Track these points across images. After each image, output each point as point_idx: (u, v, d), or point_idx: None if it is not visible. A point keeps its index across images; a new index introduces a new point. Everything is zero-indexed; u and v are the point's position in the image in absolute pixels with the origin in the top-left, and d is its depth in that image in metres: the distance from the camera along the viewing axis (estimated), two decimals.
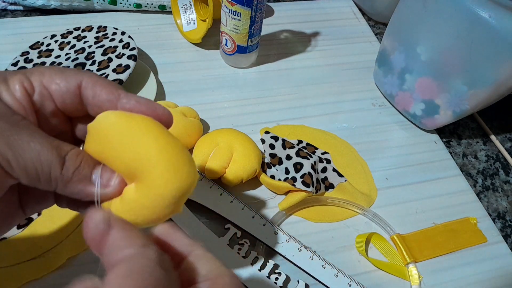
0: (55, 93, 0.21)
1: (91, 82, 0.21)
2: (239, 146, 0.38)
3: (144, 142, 0.19)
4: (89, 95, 0.21)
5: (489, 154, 0.48)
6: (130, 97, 0.21)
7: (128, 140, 0.19)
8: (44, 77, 0.21)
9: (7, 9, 0.56)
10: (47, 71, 0.21)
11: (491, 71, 0.38)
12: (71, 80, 0.21)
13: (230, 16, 0.45)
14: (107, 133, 0.20)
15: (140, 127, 0.20)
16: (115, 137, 0.19)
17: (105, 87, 0.21)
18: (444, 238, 0.39)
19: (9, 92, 0.20)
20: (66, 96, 0.21)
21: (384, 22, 0.63)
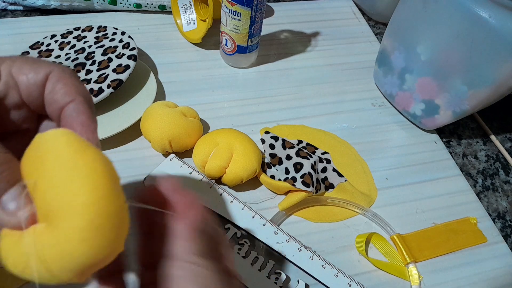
0: (21, 84, 0.20)
1: (56, 76, 0.20)
2: (239, 146, 0.38)
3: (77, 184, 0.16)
4: (48, 89, 0.20)
5: (489, 154, 0.48)
6: (79, 108, 0.20)
7: (62, 173, 0.16)
8: (13, 66, 0.20)
9: (7, 9, 0.56)
10: (18, 60, 0.20)
11: (491, 71, 0.38)
12: (40, 72, 0.20)
13: (230, 16, 0.45)
14: (47, 153, 0.17)
15: (84, 166, 0.17)
16: (52, 162, 0.17)
17: (65, 85, 0.20)
18: (444, 238, 0.39)
19: None
20: (32, 88, 0.20)
21: (384, 22, 0.63)
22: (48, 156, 0.17)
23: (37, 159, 0.17)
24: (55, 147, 0.17)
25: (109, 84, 0.42)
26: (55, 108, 0.20)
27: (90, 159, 0.17)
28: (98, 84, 0.42)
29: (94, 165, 0.17)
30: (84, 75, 0.44)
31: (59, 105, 0.20)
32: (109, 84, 0.42)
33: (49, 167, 0.17)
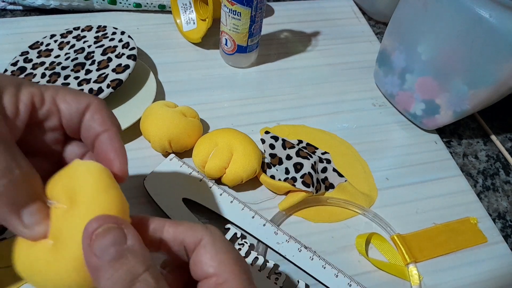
0: (64, 112, 0.22)
1: (96, 107, 0.23)
2: (239, 146, 0.38)
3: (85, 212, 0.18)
4: (87, 117, 0.23)
5: (489, 154, 0.48)
6: (112, 138, 0.22)
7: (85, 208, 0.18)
8: (57, 94, 0.22)
9: (7, 8, 0.56)
10: (61, 90, 0.23)
11: (492, 70, 0.38)
12: (83, 102, 0.22)
13: (230, 15, 0.45)
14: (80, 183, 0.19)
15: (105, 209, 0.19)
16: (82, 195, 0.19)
17: (102, 116, 0.23)
18: (445, 238, 0.39)
19: (14, 98, 0.21)
20: (74, 115, 0.22)
21: (384, 21, 0.63)
22: (81, 187, 0.19)
23: (69, 183, 0.20)
24: (88, 181, 0.19)
25: (109, 84, 0.42)
26: (91, 135, 0.23)
27: (113, 203, 0.19)
28: (98, 84, 0.42)
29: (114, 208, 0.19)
30: (84, 75, 0.44)
31: (95, 132, 0.22)
32: (109, 84, 0.42)
33: (78, 197, 0.19)
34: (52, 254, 0.18)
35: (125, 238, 0.18)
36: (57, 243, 0.18)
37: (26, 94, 0.21)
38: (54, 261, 0.18)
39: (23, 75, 0.45)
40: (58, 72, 0.44)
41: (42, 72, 0.45)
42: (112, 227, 0.18)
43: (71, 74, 0.44)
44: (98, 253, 0.17)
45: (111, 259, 0.17)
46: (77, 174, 0.20)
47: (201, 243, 0.20)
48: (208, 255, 0.20)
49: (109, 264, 0.17)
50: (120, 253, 0.17)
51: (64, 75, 0.44)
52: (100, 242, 0.17)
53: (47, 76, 0.44)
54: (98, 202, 0.19)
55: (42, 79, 0.44)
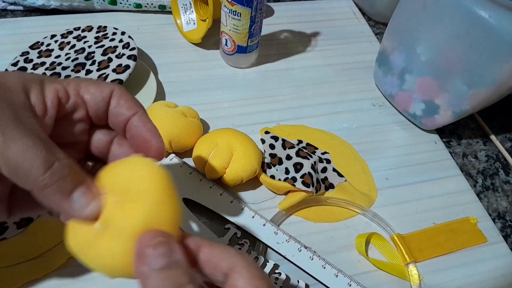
0: (89, 102, 0.23)
1: (119, 93, 0.23)
2: (239, 146, 0.38)
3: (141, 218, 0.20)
4: (113, 104, 0.23)
5: (489, 154, 0.48)
6: (143, 118, 0.23)
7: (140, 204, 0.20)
8: (80, 87, 0.23)
9: (7, 9, 0.56)
10: (83, 82, 0.23)
11: (491, 71, 0.38)
12: (105, 90, 0.23)
13: (230, 16, 0.45)
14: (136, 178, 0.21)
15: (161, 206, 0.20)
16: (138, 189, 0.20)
17: (127, 101, 0.23)
18: (444, 238, 0.39)
19: (40, 96, 0.21)
20: (100, 104, 0.23)
21: (384, 22, 0.63)
22: (142, 186, 0.20)
23: (126, 178, 0.21)
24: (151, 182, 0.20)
25: None
26: (121, 120, 0.23)
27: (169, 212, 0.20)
28: None
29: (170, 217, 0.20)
30: (84, 75, 0.44)
31: (125, 117, 0.23)
32: None
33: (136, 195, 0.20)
34: (103, 240, 0.20)
35: (173, 253, 0.19)
36: (108, 230, 0.20)
37: (51, 90, 0.22)
38: (104, 246, 0.19)
39: None
40: (59, 72, 0.45)
41: (42, 72, 0.45)
42: (163, 241, 0.19)
43: (71, 75, 0.44)
44: (149, 262, 0.19)
45: (160, 268, 0.18)
46: (139, 172, 0.21)
47: (236, 268, 0.20)
48: (243, 280, 0.20)
49: (158, 272, 0.18)
50: (168, 264, 0.19)
51: (65, 75, 0.44)
52: (151, 252, 0.19)
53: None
54: (157, 208, 0.20)
55: None
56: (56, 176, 0.19)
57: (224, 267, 0.20)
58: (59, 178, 0.20)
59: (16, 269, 0.32)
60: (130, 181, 0.20)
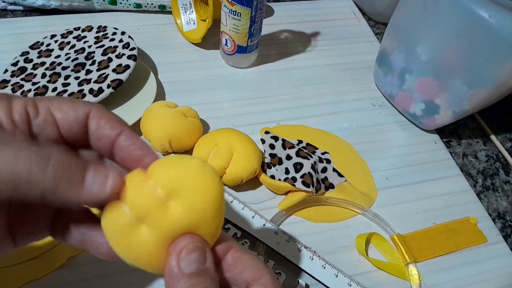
0: (61, 121, 0.21)
1: (98, 114, 0.21)
2: (239, 146, 0.38)
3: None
4: (93, 126, 0.21)
5: (489, 154, 0.48)
6: (130, 137, 0.21)
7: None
8: (52, 104, 0.21)
9: (7, 9, 0.56)
10: (56, 100, 0.21)
11: (491, 71, 0.38)
12: (80, 110, 0.21)
13: (230, 16, 0.45)
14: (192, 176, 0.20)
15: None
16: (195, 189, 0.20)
17: (109, 120, 0.21)
18: (444, 238, 0.39)
19: (7, 111, 0.20)
20: (73, 125, 0.21)
21: (384, 22, 0.63)
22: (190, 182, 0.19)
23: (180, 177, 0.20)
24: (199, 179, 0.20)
25: (109, 84, 0.42)
26: (106, 142, 0.21)
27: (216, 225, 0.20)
28: (98, 84, 0.42)
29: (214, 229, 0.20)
30: (84, 75, 0.44)
31: (110, 139, 0.21)
32: (109, 84, 0.42)
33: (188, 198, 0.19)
34: (139, 232, 0.19)
35: (206, 260, 0.19)
36: (146, 222, 0.19)
37: (19, 104, 0.20)
38: (139, 238, 0.19)
39: (24, 75, 0.45)
40: (59, 72, 0.45)
41: (42, 72, 0.45)
42: (199, 247, 0.19)
43: (71, 74, 0.44)
44: (182, 265, 0.19)
45: (192, 273, 0.19)
46: (196, 173, 0.20)
47: (260, 280, 0.20)
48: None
49: (189, 277, 0.19)
50: (200, 270, 0.19)
51: (65, 75, 0.44)
52: (187, 256, 0.19)
53: (48, 76, 0.44)
54: (205, 217, 0.20)
55: (42, 79, 0.44)
56: (59, 170, 0.18)
57: (248, 276, 0.20)
58: (63, 171, 0.18)
59: (16, 269, 0.32)
60: (183, 180, 0.19)
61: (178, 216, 0.19)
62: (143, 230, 0.19)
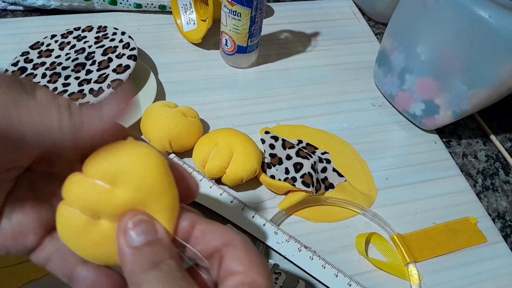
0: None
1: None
2: (239, 146, 0.38)
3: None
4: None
5: (489, 154, 0.48)
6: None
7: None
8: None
9: (7, 9, 0.56)
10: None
11: (491, 71, 0.38)
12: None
13: (230, 16, 0.45)
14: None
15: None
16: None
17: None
18: (444, 238, 0.39)
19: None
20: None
21: (384, 22, 0.63)
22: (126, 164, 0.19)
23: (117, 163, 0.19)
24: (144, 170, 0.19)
25: (109, 84, 0.42)
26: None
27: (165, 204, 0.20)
28: (98, 84, 0.42)
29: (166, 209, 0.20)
30: (84, 75, 0.44)
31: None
32: (109, 84, 0.42)
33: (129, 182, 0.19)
34: (92, 228, 0.19)
35: (156, 232, 0.19)
36: (102, 216, 0.19)
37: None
38: (92, 235, 0.19)
39: (24, 75, 0.45)
40: (59, 72, 0.45)
41: (42, 72, 0.45)
42: (144, 219, 0.19)
43: (71, 74, 0.44)
44: (129, 240, 0.18)
45: (140, 245, 0.18)
46: (129, 155, 0.19)
47: (231, 242, 0.19)
48: (239, 253, 0.19)
49: (138, 248, 0.18)
50: (149, 241, 0.18)
51: (65, 75, 0.44)
52: (133, 230, 0.18)
53: (48, 76, 0.44)
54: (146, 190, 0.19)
55: (42, 79, 0.44)
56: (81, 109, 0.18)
57: (218, 242, 0.19)
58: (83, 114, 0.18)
59: (16, 269, 0.32)
60: (118, 164, 0.19)
61: (127, 198, 0.19)
62: (102, 223, 0.19)
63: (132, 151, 0.19)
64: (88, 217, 0.19)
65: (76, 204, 0.19)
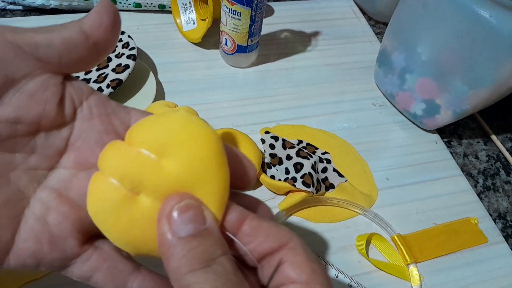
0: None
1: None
2: (239, 146, 0.38)
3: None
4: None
5: (489, 154, 0.48)
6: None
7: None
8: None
9: (7, 8, 0.56)
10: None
11: (492, 71, 0.38)
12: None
13: (230, 15, 0.45)
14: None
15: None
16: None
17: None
18: (445, 239, 0.39)
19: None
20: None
21: (384, 21, 0.63)
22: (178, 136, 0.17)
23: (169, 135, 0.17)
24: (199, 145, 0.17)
25: (109, 84, 0.41)
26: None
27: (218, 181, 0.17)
28: (98, 83, 0.42)
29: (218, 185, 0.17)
30: (84, 74, 0.44)
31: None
32: (109, 84, 0.41)
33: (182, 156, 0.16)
34: (131, 206, 0.16)
35: (204, 220, 0.16)
36: (142, 190, 0.16)
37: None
38: (130, 213, 0.16)
39: None
40: None
41: None
42: (193, 205, 0.16)
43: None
44: (174, 228, 0.16)
45: (187, 236, 0.15)
46: (181, 126, 0.17)
47: (289, 244, 0.17)
48: (300, 258, 0.17)
49: (186, 240, 0.15)
50: (197, 232, 0.16)
51: None
52: (179, 217, 0.16)
53: None
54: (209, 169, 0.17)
55: None
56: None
57: (273, 243, 0.17)
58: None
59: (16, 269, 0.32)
60: (170, 134, 0.16)
61: (175, 172, 0.16)
62: (143, 200, 0.16)
63: (185, 121, 0.17)
64: (126, 191, 0.16)
65: (115, 174, 0.16)
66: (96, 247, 0.19)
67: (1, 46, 0.16)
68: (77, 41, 0.18)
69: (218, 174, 0.17)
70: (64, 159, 0.19)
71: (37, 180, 0.18)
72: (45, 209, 0.18)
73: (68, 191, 0.18)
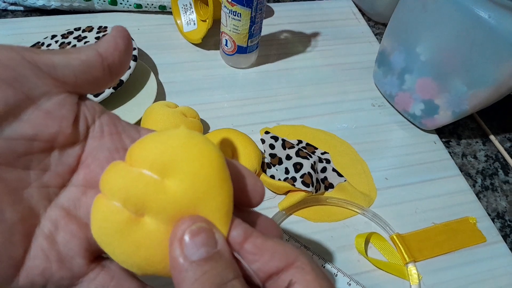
0: None
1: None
2: (239, 146, 0.38)
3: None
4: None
5: (488, 154, 0.48)
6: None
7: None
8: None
9: (8, 9, 0.56)
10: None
11: (491, 71, 0.38)
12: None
13: (230, 16, 0.45)
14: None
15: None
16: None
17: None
18: (444, 238, 0.39)
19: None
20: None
21: (384, 22, 0.63)
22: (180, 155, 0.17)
23: (171, 154, 0.17)
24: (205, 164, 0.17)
25: None
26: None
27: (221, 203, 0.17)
28: None
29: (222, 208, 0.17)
30: None
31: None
32: None
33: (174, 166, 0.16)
34: (136, 227, 0.16)
35: (216, 242, 0.16)
36: (146, 212, 0.16)
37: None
38: (136, 235, 0.16)
39: None
40: None
41: None
42: (205, 228, 0.16)
43: None
44: (186, 252, 0.16)
45: (199, 259, 0.16)
46: (183, 144, 0.17)
47: (296, 263, 0.17)
48: (309, 277, 0.17)
49: (198, 264, 0.15)
50: (209, 255, 0.16)
51: None
52: (191, 241, 0.16)
53: None
54: (213, 187, 0.16)
55: None
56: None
57: (280, 262, 0.17)
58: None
59: None
60: (171, 152, 0.16)
61: (179, 192, 0.16)
62: (148, 222, 0.16)
63: (186, 139, 0.17)
64: (130, 213, 0.16)
65: (117, 196, 0.16)
66: (103, 266, 0.19)
67: (21, 65, 0.17)
68: (93, 63, 0.19)
69: (221, 192, 0.17)
70: (74, 177, 0.19)
71: (48, 198, 0.18)
72: (54, 227, 0.18)
73: (77, 209, 0.19)
